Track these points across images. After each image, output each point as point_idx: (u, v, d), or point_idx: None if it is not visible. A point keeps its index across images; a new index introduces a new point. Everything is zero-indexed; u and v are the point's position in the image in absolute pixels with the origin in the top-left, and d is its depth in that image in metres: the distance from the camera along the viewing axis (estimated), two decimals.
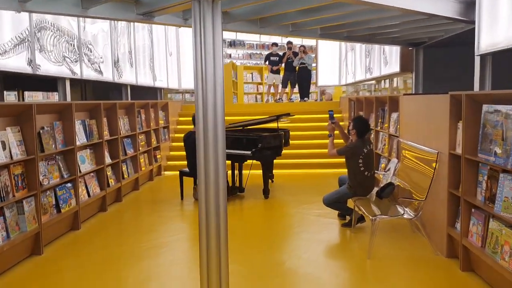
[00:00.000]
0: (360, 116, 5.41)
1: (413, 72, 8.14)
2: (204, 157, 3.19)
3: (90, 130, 6.29)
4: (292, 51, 13.67)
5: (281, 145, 7.37)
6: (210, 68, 3.08)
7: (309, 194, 7.45)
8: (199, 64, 3.06)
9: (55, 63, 5.45)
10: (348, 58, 11.59)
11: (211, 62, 3.07)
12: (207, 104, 3.12)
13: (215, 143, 3.17)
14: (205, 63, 3.07)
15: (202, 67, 3.08)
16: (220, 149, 3.21)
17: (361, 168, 5.28)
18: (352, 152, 5.30)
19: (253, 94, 17.17)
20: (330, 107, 12.16)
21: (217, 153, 3.19)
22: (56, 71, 5.44)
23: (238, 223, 6.10)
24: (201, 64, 3.07)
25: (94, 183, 6.39)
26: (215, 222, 3.22)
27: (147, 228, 5.93)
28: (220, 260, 3.16)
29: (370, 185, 5.41)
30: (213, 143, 3.17)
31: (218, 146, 3.20)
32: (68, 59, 5.75)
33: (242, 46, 18.58)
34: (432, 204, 4.72)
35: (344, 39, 7.46)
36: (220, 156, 3.21)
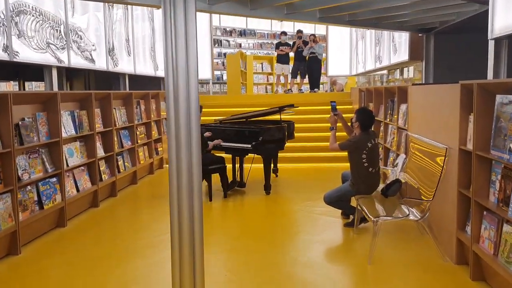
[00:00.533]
0: (364, 108, 5.00)
1: (423, 61, 7.60)
2: (176, 157, 2.81)
3: (80, 122, 5.98)
4: (302, 40, 13.21)
5: (284, 138, 6.98)
6: (181, 55, 2.70)
7: (314, 190, 7.06)
8: (169, 51, 2.69)
9: (37, 50, 5.13)
10: (359, 47, 11.08)
11: (183, 48, 2.69)
12: (178, 97, 2.74)
13: (188, 140, 2.79)
14: (176, 49, 2.69)
15: (173, 54, 2.70)
16: (194, 148, 2.83)
17: (365, 164, 4.87)
18: (355, 146, 4.89)
19: (263, 85, 16.75)
20: (341, 98, 11.72)
21: (190, 152, 2.81)
22: (39, 59, 5.12)
23: (235, 221, 5.75)
24: (171, 50, 2.70)
25: (84, 177, 6.09)
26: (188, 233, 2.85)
27: (140, 225, 5.62)
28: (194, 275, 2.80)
29: (374, 182, 5.00)
30: (186, 140, 2.79)
31: (192, 144, 2.82)
32: (53, 46, 5.42)
33: (253, 35, 18.14)
34: (441, 204, 4.30)
35: (346, 24, 6.97)
36: (194, 156, 2.83)
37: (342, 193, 5.06)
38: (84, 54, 6.28)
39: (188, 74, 2.72)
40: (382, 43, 8.44)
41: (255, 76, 16.31)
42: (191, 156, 2.78)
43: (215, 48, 17.15)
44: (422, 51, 7.40)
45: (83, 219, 5.83)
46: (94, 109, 6.19)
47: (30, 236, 4.88)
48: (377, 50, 9.02)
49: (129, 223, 5.75)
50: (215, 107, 11.26)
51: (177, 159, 2.75)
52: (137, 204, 6.70)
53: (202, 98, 12.11)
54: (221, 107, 11.17)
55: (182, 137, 2.73)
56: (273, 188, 7.19)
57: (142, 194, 7.30)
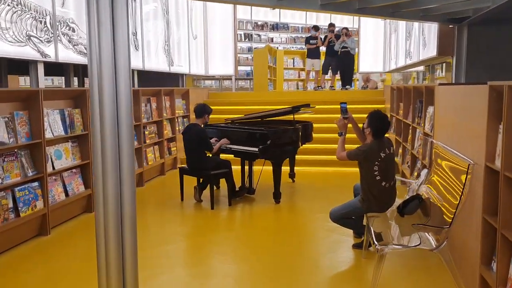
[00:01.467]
0: (377, 111, 4.28)
1: (453, 56, 6.64)
2: (102, 167, 2.21)
3: (71, 121, 5.53)
4: (334, 34, 12.44)
5: (297, 141, 6.31)
6: (106, 44, 2.12)
7: (330, 199, 6.35)
8: (94, 41, 2.12)
9: (13, 43, 4.69)
10: (392, 41, 10.20)
11: (108, 37, 2.12)
12: (103, 95, 2.16)
13: (114, 147, 2.19)
14: (99, 37, 2.12)
15: (96, 45, 2.12)
16: (126, 156, 2.24)
17: (377, 177, 4.16)
18: (364, 156, 4.18)
19: (294, 81, 16.04)
20: (374, 96, 10.89)
21: (117, 160, 2.22)
22: (17, 53, 4.69)
23: (232, 234, 5.14)
24: (96, 40, 2.12)
25: (76, 180, 5.64)
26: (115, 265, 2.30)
27: None
28: None
29: (388, 199, 4.28)
30: (112, 148, 2.19)
31: (122, 151, 2.23)
32: (35, 38, 4.97)
33: (286, 29, 17.43)
34: (464, 230, 3.56)
35: (355, 12, 6.09)
36: (125, 164, 2.24)
37: (350, 210, 4.37)
38: (77, 48, 5.82)
39: (116, 67, 2.14)
40: (413, 36, 7.58)
41: (286, 72, 15.62)
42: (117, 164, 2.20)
43: (245, 42, 16.57)
44: (453, 45, 6.46)
45: (72, 226, 5.39)
46: (88, 107, 5.72)
47: (3, 247, 4.46)
48: (408, 44, 8.15)
49: None
50: (237, 104, 10.69)
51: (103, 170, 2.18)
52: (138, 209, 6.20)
53: (222, 95, 11.57)
54: (242, 105, 10.58)
55: (108, 140, 2.15)
56: (286, 195, 6.56)
57: (145, 198, 6.82)
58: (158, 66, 8.60)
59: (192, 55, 10.70)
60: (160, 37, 8.63)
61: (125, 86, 2.19)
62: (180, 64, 9.78)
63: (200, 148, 6.03)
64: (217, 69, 12.06)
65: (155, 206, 6.33)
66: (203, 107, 6.24)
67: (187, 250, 4.74)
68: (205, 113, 6.17)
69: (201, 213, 5.92)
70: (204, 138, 6.02)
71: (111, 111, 2.15)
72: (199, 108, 6.22)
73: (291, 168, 7.54)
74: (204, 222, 5.58)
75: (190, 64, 10.43)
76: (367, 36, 11.94)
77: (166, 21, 8.83)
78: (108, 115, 2.14)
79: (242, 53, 16.39)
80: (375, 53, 11.91)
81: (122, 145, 2.17)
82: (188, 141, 6.09)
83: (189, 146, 6.11)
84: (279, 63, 14.82)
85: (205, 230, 5.30)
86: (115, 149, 2.14)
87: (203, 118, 6.19)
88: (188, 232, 5.29)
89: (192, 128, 6.12)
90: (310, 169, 8.45)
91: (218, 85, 15.80)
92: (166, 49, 8.90)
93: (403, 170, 7.14)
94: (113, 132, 2.16)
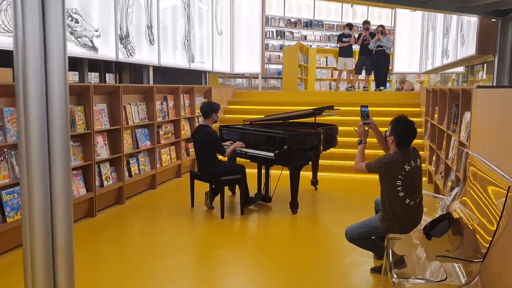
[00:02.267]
0: (402, 117, 3.69)
1: (495, 55, 5.83)
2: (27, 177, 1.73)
3: (72, 119, 5.17)
4: (369, 32, 11.76)
5: (317, 146, 5.77)
6: (32, 26, 1.65)
7: (354, 211, 5.80)
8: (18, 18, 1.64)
9: (2, 33, 4.33)
10: (429, 39, 9.44)
11: (36, 26, 1.64)
12: (27, 91, 1.68)
13: (41, 160, 1.69)
14: (24, 21, 1.65)
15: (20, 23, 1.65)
16: (59, 174, 1.74)
17: (400, 193, 3.58)
18: (386, 169, 3.61)
19: (327, 81, 15.39)
20: (409, 99, 10.18)
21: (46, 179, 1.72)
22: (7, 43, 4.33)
23: (239, 250, 4.64)
24: (20, 18, 1.65)
25: (77, 183, 5.28)
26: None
27: (130, 243, 4.72)
28: None
29: (413, 218, 3.70)
30: (39, 161, 1.69)
31: (54, 166, 1.74)
32: None
33: (320, 27, 16.79)
34: (501, 260, 2.95)
35: (377, 1, 5.43)
36: (58, 186, 1.75)
37: (369, 229, 3.80)
38: (82, 40, 5.46)
39: (46, 59, 1.66)
40: (451, 33, 6.85)
41: (318, 71, 14.99)
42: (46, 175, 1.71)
43: (277, 40, 16.04)
44: (496, 42, 5.67)
45: None
46: (92, 104, 5.36)
47: None
48: (445, 42, 7.41)
49: (117, 242, 4.86)
50: (263, 104, 10.20)
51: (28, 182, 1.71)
52: (139, 216, 5.80)
53: (248, 94, 11.09)
54: (269, 105, 10.08)
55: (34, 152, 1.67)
56: (305, 204, 6.04)
57: (154, 202, 6.42)
58: (176, 62, 8.18)
59: (216, 51, 10.26)
60: (180, 32, 8.20)
61: (59, 80, 1.70)
62: (202, 61, 9.35)
63: (210, 152, 5.57)
64: (244, 67, 11.58)
65: (162, 212, 5.92)
66: (209, 105, 5.75)
67: (186, 267, 4.28)
68: (212, 111, 5.68)
69: (210, 222, 5.46)
70: (215, 140, 5.55)
71: (39, 113, 1.68)
72: (204, 107, 5.75)
73: (313, 174, 6.99)
74: (211, 233, 5.11)
75: (213, 61, 9.98)
76: (403, 34, 11.20)
77: (187, 15, 8.41)
78: (34, 118, 1.67)
79: (274, 50, 15.87)
80: (411, 53, 11.15)
81: (54, 158, 1.70)
82: (198, 143, 5.64)
83: (199, 149, 5.67)
84: (311, 61, 14.22)
85: (211, 244, 4.83)
86: (43, 163, 1.67)
87: (212, 118, 5.70)
88: (192, 244, 4.83)
89: (201, 129, 5.66)
90: (335, 176, 7.88)
91: (248, 83, 15.33)
92: (186, 44, 8.48)
93: (436, 181, 6.48)
94: (41, 140, 1.69)
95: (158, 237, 4.95)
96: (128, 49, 6.46)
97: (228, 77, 15.36)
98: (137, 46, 6.76)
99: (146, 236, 5.01)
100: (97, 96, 5.77)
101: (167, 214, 5.80)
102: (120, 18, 6.20)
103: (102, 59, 5.98)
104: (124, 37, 6.38)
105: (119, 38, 6.25)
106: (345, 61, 12.13)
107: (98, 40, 5.77)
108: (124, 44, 6.38)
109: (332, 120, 7.88)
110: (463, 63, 7.38)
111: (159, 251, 4.51)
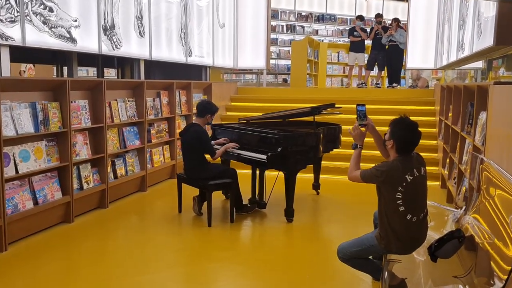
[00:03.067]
0: (403, 117, 3.14)
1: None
2: None
3: (45, 116, 4.72)
4: (381, 26, 11.14)
5: (316, 147, 5.23)
6: None
7: (357, 221, 5.28)
8: None
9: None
10: (445, 32, 8.78)
11: None
12: None
13: None
14: None
15: None
16: None
17: (400, 207, 3.04)
18: (384, 178, 3.06)
19: (339, 77, 14.78)
20: (423, 96, 9.55)
21: None
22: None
23: (222, 266, 4.14)
24: None
25: (51, 186, 4.84)
26: None
27: (108, 254, 4.26)
28: None
29: (414, 237, 3.15)
30: None
31: None
32: None
33: (333, 21, 16.17)
34: None
35: None
36: None
37: (363, 248, 3.26)
38: (56, 31, 5.00)
39: None
40: (467, 23, 6.21)
41: (329, 66, 14.39)
42: None
43: (287, 34, 15.47)
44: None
45: (41, 240, 4.59)
46: (68, 100, 4.91)
47: None
48: (461, 35, 6.77)
49: (92, 250, 4.40)
50: (267, 101, 9.67)
51: None
52: (121, 222, 5.35)
53: (252, 91, 10.56)
54: (274, 102, 9.55)
55: None
56: (304, 211, 5.54)
57: (140, 206, 5.96)
58: (170, 56, 7.67)
59: (217, 45, 9.73)
60: (175, 24, 7.69)
61: None
62: (201, 55, 8.83)
63: (198, 152, 5.08)
64: (248, 62, 11.03)
65: (146, 218, 5.46)
66: (207, 105, 5.26)
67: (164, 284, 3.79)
68: (207, 112, 5.18)
69: (195, 230, 4.98)
70: (204, 140, 5.06)
71: None
72: (201, 105, 5.25)
73: (315, 177, 6.46)
74: (195, 245, 4.63)
75: (214, 55, 9.46)
76: (416, 28, 10.55)
77: (183, 5, 7.90)
78: None
79: (284, 45, 15.32)
80: (426, 48, 10.49)
81: None
82: (186, 143, 5.16)
83: (186, 150, 5.19)
84: (322, 57, 13.63)
85: (194, 256, 4.35)
86: None
87: (205, 118, 5.21)
88: (174, 257, 4.33)
89: (191, 127, 5.17)
90: (340, 179, 7.32)
91: (257, 80, 14.81)
92: (182, 37, 7.98)
93: (449, 187, 5.91)
94: None
95: (139, 246, 4.48)
96: (113, 41, 5.99)
97: (236, 73, 14.86)
98: (124, 38, 6.28)
99: (125, 246, 4.54)
100: (78, 91, 5.33)
101: (151, 220, 5.34)
102: (104, 7, 5.73)
103: (82, 51, 5.51)
104: (109, 28, 5.90)
105: (103, 29, 5.77)
106: (357, 56, 11.53)
107: (77, 31, 5.31)
108: (109, 35, 5.91)
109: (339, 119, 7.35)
110: (481, 57, 6.74)
111: (139, 264, 4.04)
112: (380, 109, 8.77)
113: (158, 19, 7.08)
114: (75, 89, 5.22)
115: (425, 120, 8.20)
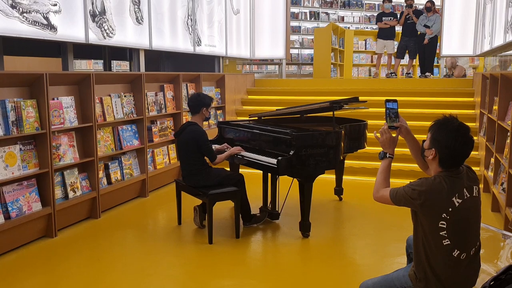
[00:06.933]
0: (449, 119, 2.31)
1: None
2: None
3: (18, 117, 4.06)
4: (413, 10, 10.16)
5: (336, 148, 4.41)
6: None
7: (388, 232, 4.49)
8: None
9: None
10: (486, 14, 7.77)
11: None
12: None
13: None
14: None
15: None
16: None
17: (445, 240, 2.24)
18: (422, 201, 2.25)
19: (366, 66, 13.81)
20: (460, 86, 8.60)
21: None
22: None
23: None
24: None
25: (28, 196, 4.19)
26: None
27: (94, 275, 3.59)
28: None
29: (462, 280, 2.34)
30: None
31: None
32: None
33: (360, 7, 15.17)
34: None
35: None
36: None
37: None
38: (29, 17, 4.31)
39: None
40: None
41: (356, 55, 13.43)
42: None
43: (311, 22, 14.56)
44: None
45: (8, 260, 3.95)
46: (47, 97, 4.23)
47: None
48: (509, 14, 5.80)
49: (75, 270, 3.73)
50: (287, 94, 8.89)
51: None
52: (111, 236, 4.66)
53: (270, 83, 9.77)
54: (294, 94, 8.78)
55: None
56: (323, 221, 4.81)
57: (140, 216, 5.28)
58: (175, 45, 6.91)
59: (231, 34, 8.94)
60: (181, 9, 6.92)
61: None
62: (212, 44, 8.06)
63: (196, 156, 4.35)
64: (266, 52, 10.20)
65: (142, 230, 4.77)
66: (197, 98, 4.51)
67: None
68: (201, 106, 4.44)
69: (194, 248, 4.25)
70: (202, 142, 4.32)
71: None
72: (192, 100, 4.52)
73: (337, 181, 5.66)
74: (188, 269, 3.90)
75: (227, 44, 8.67)
76: (452, 12, 9.52)
77: None
78: None
79: (307, 34, 14.43)
80: (463, 33, 9.46)
81: None
82: (182, 145, 4.44)
83: (182, 153, 4.45)
84: (348, 45, 12.71)
85: (185, 285, 3.63)
86: None
87: (201, 114, 4.48)
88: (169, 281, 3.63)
89: (186, 127, 4.43)
90: (367, 180, 6.50)
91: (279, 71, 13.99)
92: (189, 24, 7.21)
93: (494, 191, 5.03)
94: None
95: (130, 266, 3.79)
96: (104, 28, 5.28)
97: (258, 64, 14.07)
98: (117, 25, 5.56)
99: (115, 264, 3.85)
100: (63, 87, 4.67)
101: (148, 233, 4.66)
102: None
103: (63, 40, 4.82)
104: (99, 13, 5.19)
105: (90, 14, 5.07)
106: (385, 44, 10.56)
107: (57, 16, 4.62)
108: (98, 22, 5.20)
109: (366, 114, 6.54)
110: None
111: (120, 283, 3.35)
112: (412, 101, 7.93)
113: (160, 3, 6.32)
114: (59, 84, 4.55)
115: (463, 114, 7.30)
